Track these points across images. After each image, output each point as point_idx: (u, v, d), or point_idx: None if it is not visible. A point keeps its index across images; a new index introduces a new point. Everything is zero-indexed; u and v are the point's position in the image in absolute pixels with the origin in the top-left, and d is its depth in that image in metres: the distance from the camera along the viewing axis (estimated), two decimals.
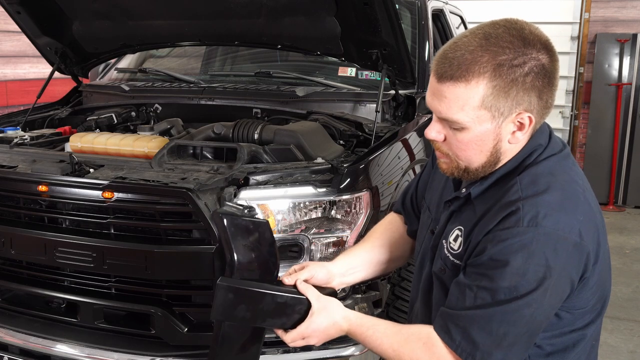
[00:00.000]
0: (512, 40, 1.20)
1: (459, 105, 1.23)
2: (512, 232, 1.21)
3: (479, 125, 1.24)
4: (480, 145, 1.27)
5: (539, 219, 1.20)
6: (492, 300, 1.22)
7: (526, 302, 1.21)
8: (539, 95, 1.23)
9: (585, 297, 1.32)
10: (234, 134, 2.53)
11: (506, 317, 1.22)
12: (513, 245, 1.21)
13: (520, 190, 1.25)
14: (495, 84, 1.20)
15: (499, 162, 1.31)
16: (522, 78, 1.20)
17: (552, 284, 1.22)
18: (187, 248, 2.11)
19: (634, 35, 6.90)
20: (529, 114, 1.24)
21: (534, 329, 1.26)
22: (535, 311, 1.23)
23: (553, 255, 1.20)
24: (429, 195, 1.60)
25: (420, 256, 1.55)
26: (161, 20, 3.02)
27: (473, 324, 1.24)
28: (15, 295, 2.40)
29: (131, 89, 3.24)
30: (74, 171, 2.23)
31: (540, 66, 1.21)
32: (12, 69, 5.79)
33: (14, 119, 3.10)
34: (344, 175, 2.15)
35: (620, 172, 7.12)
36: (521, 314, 1.22)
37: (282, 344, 2.12)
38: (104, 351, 2.16)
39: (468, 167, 1.32)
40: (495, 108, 1.22)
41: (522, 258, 1.20)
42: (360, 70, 3.22)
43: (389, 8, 2.43)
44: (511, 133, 1.27)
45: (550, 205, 1.22)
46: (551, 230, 1.20)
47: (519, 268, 1.20)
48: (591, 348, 1.41)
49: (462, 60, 1.20)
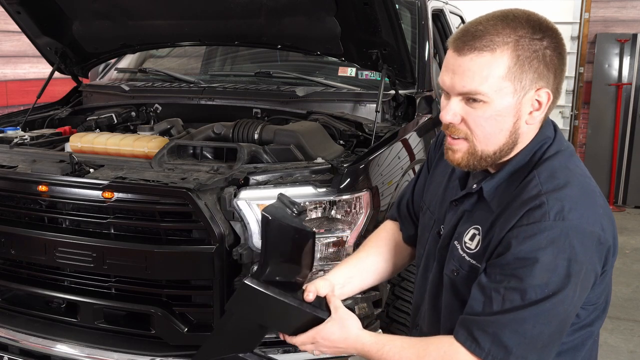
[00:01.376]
0: (528, 19, 1.22)
1: (483, 76, 1.21)
2: (539, 227, 1.18)
3: (500, 99, 1.22)
4: (501, 123, 1.24)
5: (565, 213, 1.18)
6: (523, 301, 1.18)
7: (559, 299, 1.18)
8: (555, 73, 1.23)
9: (599, 291, 1.30)
10: (234, 134, 2.53)
11: (540, 316, 1.18)
12: (541, 240, 1.17)
13: (540, 184, 1.23)
14: (519, 54, 1.20)
15: (515, 147, 1.28)
16: (542, 51, 1.21)
17: (581, 278, 1.20)
18: (187, 248, 2.11)
19: (634, 35, 6.90)
20: (547, 89, 1.23)
21: (565, 326, 1.24)
22: (568, 307, 1.20)
23: (581, 249, 1.18)
24: (428, 197, 1.57)
25: (425, 259, 1.52)
26: (161, 20, 3.02)
27: (504, 328, 1.19)
28: (15, 295, 2.40)
29: (131, 89, 3.24)
30: (74, 171, 2.23)
31: (555, 44, 1.22)
32: (12, 69, 5.79)
33: (14, 119, 3.10)
34: (344, 175, 2.15)
35: (620, 172, 7.12)
36: (555, 311, 1.19)
37: (282, 344, 2.13)
38: (104, 351, 2.16)
39: (484, 152, 1.28)
40: (518, 80, 1.21)
41: (551, 253, 1.17)
42: (360, 70, 3.22)
43: (389, 8, 2.43)
44: (529, 113, 1.25)
45: (573, 199, 1.20)
46: (578, 223, 1.18)
47: (549, 264, 1.17)
48: (594, 344, 1.39)
49: (486, 32, 1.21)
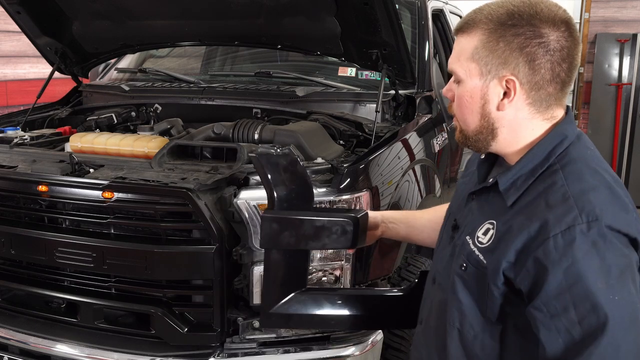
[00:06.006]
0: (523, 9, 1.23)
1: (456, 56, 1.29)
2: (575, 232, 1.11)
3: (470, 79, 1.27)
4: (471, 104, 1.28)
5: (598, 213, 1.12)
6: (598, 320, 1.07)
7: (628, 299, 1.09)
8: (528, 63, 1.21)
9: None
10: (234, 134, 2.53)
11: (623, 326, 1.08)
12: (582, 245, 1.10)
13: (566, 186, 1.17)
14: (487, 38, 1.24)
15: (496, 133, 1.28)
16: (511, 37, 1.22)
17: (635, 273, 1.12)
18: (187, 248, 2.11)
19: (634, 35, 6.90)
20: (513, 78, 1.22)
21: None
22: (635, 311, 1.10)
23: (621, 246, 1.12)
24: (452, 201, 1.55)
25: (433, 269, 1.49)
26: (161, 20, 3.02)
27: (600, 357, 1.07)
28: (15, 295, 2.40)
29: (131, 89, 3.24)
30: (74, 171, 2.23)
31: (538, 35, 1.21)
32: (12, 69, 5.79)
33: (14, 119, 3.10)
34: (344, 175, 2.15)
35: (620, 172, 7.12)
36: (628, 317, 1.09)
37: (282, 344, 2.14)
38: (104, 351, 2.17)
39: (466, 131, 1.31)
40: (483, 63, 1.24)
41: (597, 256, 1.09)
42: (360, 70, 3.22)
43: (389, 8, 2.43)
44: (499, 99, 1.25)
45: (603, 201, 1.15)
46: (612, 223, 1.12)
47: (600, 267, 1.09)
48: None
49: (472, 16, 1.28)
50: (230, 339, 2.14)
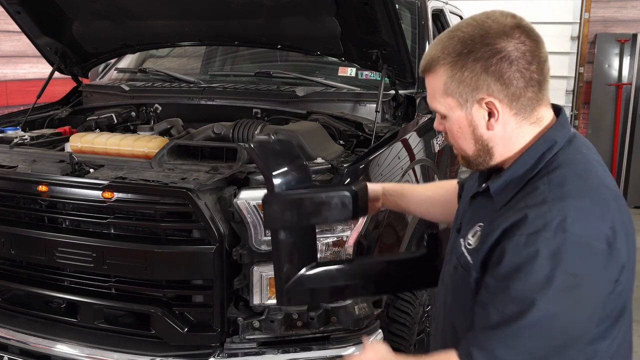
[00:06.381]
0: (462, 37, 1.27)
1: (432, 95, 1.33)
2: (539, 237, 1.15)
3: (452, 112, 1.30)
4: (462, 133, 1.32)
5: (568, 224, 1.15)
6: (518, 315, 1.15)
7: (552, 314, 1.14)
8: (498, 80, 1.24)
9: (608, 306, 1.24)
10: (234, 134, 2.53)
11: (534, 331, 1.15)
12: (539, 252, 1.15)
13: (547, 191, 1.21)
14: (452, 72, 1.27)
15: (493, 152, 1.31)
16: (472, 64, 1.25)
17: (582, 295, 1.16)
18: (187, 248, 2.11)
19: (634, 35, 6.90)
20: (491, 99, 1.25)
21: (569, 343, 1.19)
22: (568, 326, 1.16)
23: (582, 263, 1.15)
24: (459, 205, 1.57)
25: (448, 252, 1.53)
26: (161, 20, 3.02)
27: (499, 343, 1.17)
28: (15, 295, 2.40)
29: (131, 89, 3.24)
30: (74, 171, 2.23)
31: (495, 51, 1.23)
32: (12, 69, 5.79)
33: (14, 119, 3.10)
34: (344, 175, 2.15)
35: (620, 172, 7.12)
36: (549, 327, 1.15)
37: (282, 344, 2.14)
38: (104, 351, 2.17)
39: (466, 156, 1.35)
40: (458, 94, 1.28)
41: (549, 266, 1.14)
42: (360, 70, 3.22)
43: (389, 8, 2.43)
44: (486, 120, 1.28)
45: (580, 209, 1.17)
46: (580, 235, 1.15)
47: (546, 277, 1.14)
48: None
49: (430, 54, 1.31)
50: (230, 339, 2.14)
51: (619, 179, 7.13)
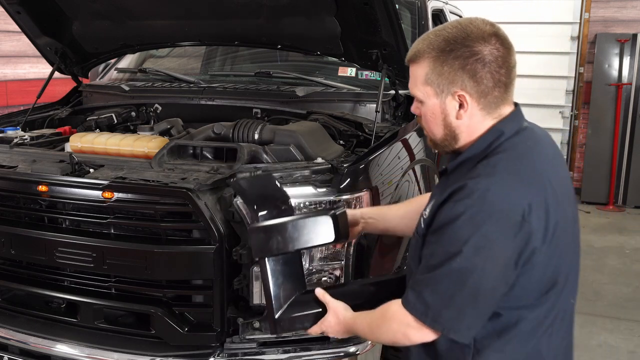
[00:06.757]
0: (447, 36, 1.46)
1: (413, 82, 1.54)
2: (463, 203, 1.38)
3: (428, 99, 1.51)
4: (434, 118, 1.52)
5: (488, 194, 1.36)
6: (439, 263, 1.39)
7: (468, 267, 1.36)
8: (471, 77, 1.43)
9: (529, 277, 1.41)
10: (234, 134, 2.52)
11: (452, 279, 1.38)
12: (462, 214, 1.37)
13: (482, 169, 1.42)
14: (434, 65, 1.47)
15: (458, 138, 1.51)
16: (452, 60, 1.44)
17: (492, 256, 1.36)
18: (187, 248, 2.11)
19: (634, 35, 6.90)
20: (463, 92, 1.45)
21: (481, 296, 1.38)
22: (480, 279, 1.36)
23: (495, 228, 1.35)
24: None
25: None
26: (161, 20, 3.02)
27: (426, 286, 1.42)
28: (15, 295, 2.40)
29: (131, 89, 3.24)
30: (74, 171, 2.24)
31: (473, 53, 1.43)
32: (12, 69, 5.79)
33: (14, 119, 3.10)
34: (344, 175, 2.15)
35: (620, 172, 7.12)
36: (465, 277, 1.37)
37: (282, 344, 2.14)
38: (104, 351, 2.16)
39: (434, 139, 1.56)
40: (436, 85, 1.48)
41: (467, 227, 1.36)
42: (360, 70, 3.22)
43: (389, 8, 2.43)
44: (457, 110, 1.48)
45: (501, 183, 1.38)
46: (497, 203, 1.36)
47: (464, 235, 1.36)
48: (534, 333, 1.46)
49: (418, 49, 1.51)
50: (230, 339, 2.14)
51: (619, 179, 7.14)
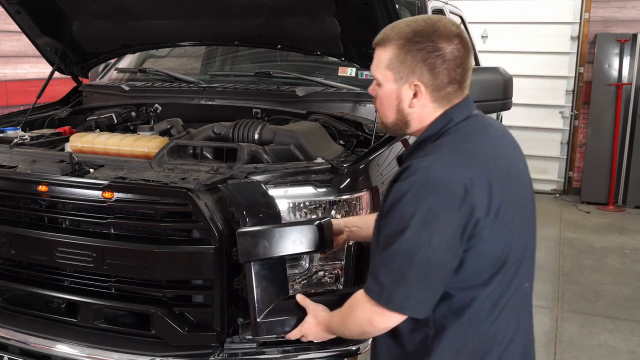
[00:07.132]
0: (416, 28, 1.53)
1: (376, 64, 1.60)
2: (408, 181, 1.45)
3: (387, 83, 1.57)
4: (389, 102, 1.59)
5: (431, 171, 1.44)
6: (390, 243, 1.45)
7: (416, 242, 1.41)
8: (430, 71, 1.51)
9: (477, 253, 1.45)
10: (234, 134, 2.52)
11: (401, 256, 1.43)
12: (406, 191, 1.43)
13: (429, 149, 1.51)
14: (398, 52, 1.54)
15: (409, 124, 1.59)
16: (416, 51, 1.51)
17: (437, 229, 1.41)
18: (187, 248, 2.11)
19: (634, 35, 6.90)
20: (419, 83, 1.53)
21: (432, 271, 1.43)
22: (428, 253, 1.41)
23: (438, 202, 1.41)
24: None
25: None
26: (161, 20, 3.02)
27: (381, 267, 1.48)
28: (15, 295, 2.40)
29: (131, 89, 3.24)
30: (74, 171, 2.24)
31: (436, 48, 1.50)
32: (12, 69, 5.79)
33: (14, 119, 3.10)
34: (344, 175, 2.15)
35: (620, 172, 7.12)
36: (414, 252, 1.42)
37: (282, 344, 2.14)
38: (104, 351, 2.16)
39: (386, 123, 1.63)
40: (396, 71, 1.54)
41: (412, 202, 1.42)
42: (360, 70, 3.22)
43: (389, 8, 2.43)
44: (410, 99, 1.55)
45: (443, 160, 1.46)
46: (439, 179, 1.42)
47: (410, 211, 1.42)
48: (489, 313, 1.50)
49: (387, 34, 1.58)
50: (230, 339, 2.14)
51: (619, 179, 7.14)
